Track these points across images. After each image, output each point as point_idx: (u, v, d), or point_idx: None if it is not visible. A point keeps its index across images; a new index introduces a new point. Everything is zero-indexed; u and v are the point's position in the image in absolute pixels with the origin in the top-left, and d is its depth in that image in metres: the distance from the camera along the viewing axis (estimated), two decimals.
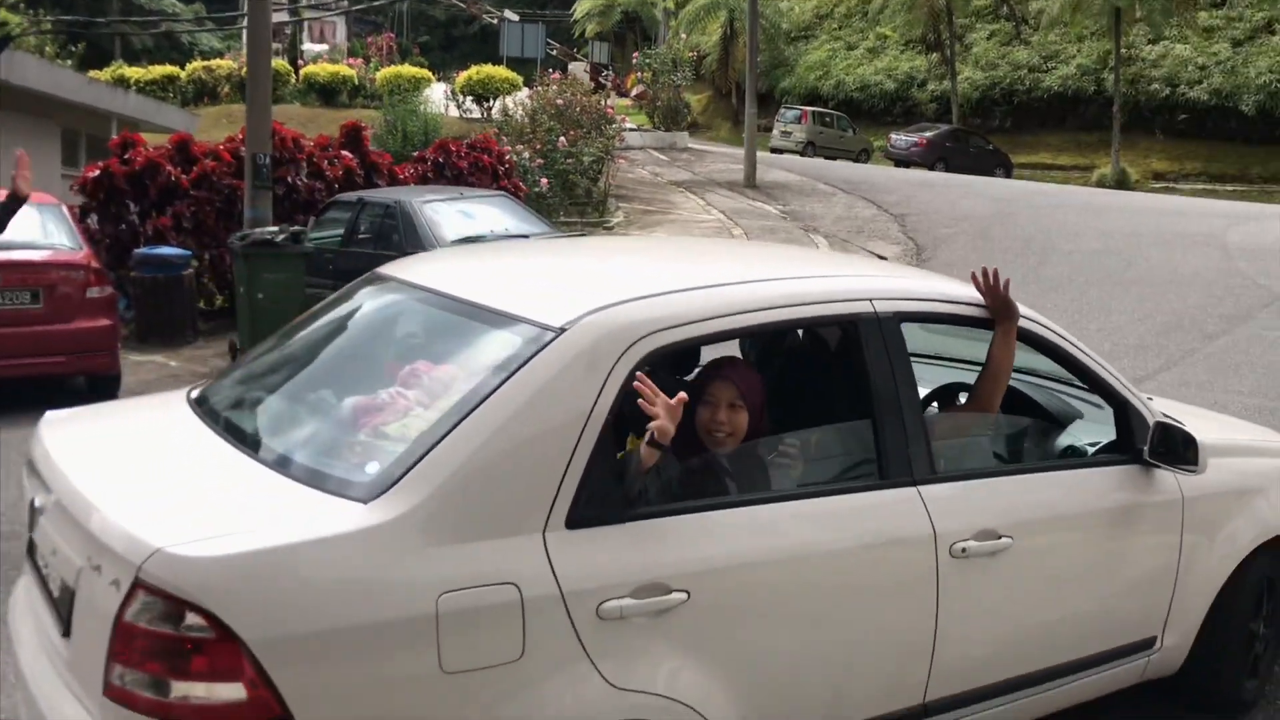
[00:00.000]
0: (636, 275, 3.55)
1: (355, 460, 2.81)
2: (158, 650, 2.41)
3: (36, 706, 2.77)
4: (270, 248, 10.14)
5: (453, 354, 3.14)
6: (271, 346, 3.72)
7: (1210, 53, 34.43)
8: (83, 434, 3.37)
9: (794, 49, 44.19)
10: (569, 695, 2.67)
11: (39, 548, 3.00)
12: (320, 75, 32.93)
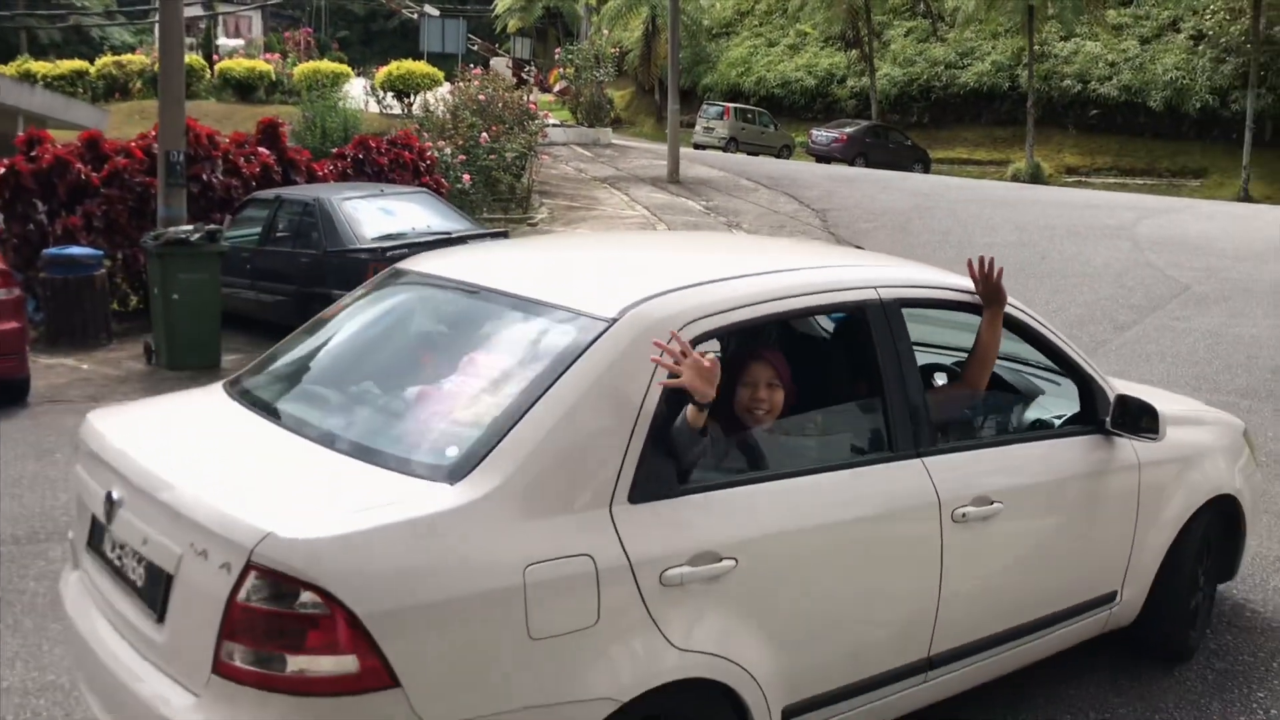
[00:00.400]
0: (670, 267, 3.83)
1: (433, 445, 2.99)
2: (272, 628, 2.56)
3: (128, 692, 2.88)
4: (185, 247, 9.94)
5: (508, 345, 3.32)
6: (304, 340, 3.90)
7: (1120, 50, 35.35)
8: (143, 428, 3.51)
9: (716, 45, 44.45)
10: (637, 657, 2.89)
11: (114, 538, 3.12)
12: (236, 71, 32.34)
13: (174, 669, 2.80)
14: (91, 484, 3.32)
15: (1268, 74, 31.83)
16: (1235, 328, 11.59)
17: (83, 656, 3.24)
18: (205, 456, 3.22)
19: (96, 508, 3.22)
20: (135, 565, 3.01)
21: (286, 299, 10.94)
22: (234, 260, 10.93)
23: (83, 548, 3.40)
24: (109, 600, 3.15)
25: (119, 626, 3.07)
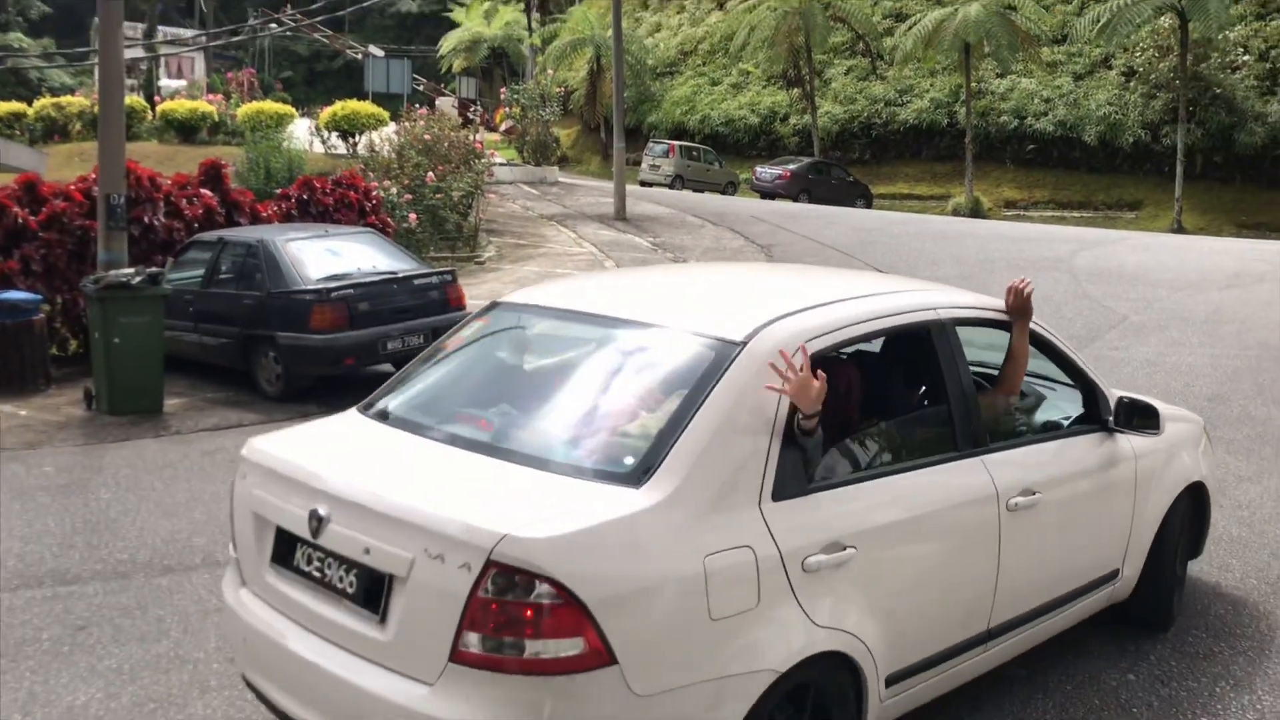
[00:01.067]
0: (765, 294, 4.43)
1: (608, 455, 3.41)
2: (511, 618, 2.94)
3: (349, 688, 3.22)
4: (126, 290, 9.82)
5: (649, 366, 3.77)
6: (432, 367, 4.32)
7: (1054, 86, 36.15)
8: (320, 450, 3.88)
9: (660, 84, 44.84)
10: (789, 634, 3.34)
11: (319, 550, 3.45)
12: (178, 112, 32.11)
13: (400, 663, 3.16)
14: (278, 503, 3.64)
15: (1196, 109, 32.71)
16: (1172, 357, 11.84)
17: (277, 663, 3.55)
18: (400, 473, 3.59)
19: (290, 524, 3.56)
20: (344, 574, 3.37)
21: (231, 341, 10.84)
22: (176, 303, 10.81)
23: (265, 563, 3.69)
24: (307, 608, 3.48)
25: (322, 631, 3.41)
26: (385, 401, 4.16)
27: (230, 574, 3.99)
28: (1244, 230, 30.78)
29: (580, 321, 4.12)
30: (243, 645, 3.80)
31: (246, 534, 3.84)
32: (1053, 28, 36.58)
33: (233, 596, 3.87)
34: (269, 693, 3.65)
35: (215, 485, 7.76)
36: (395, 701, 3.11)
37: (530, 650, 2.94)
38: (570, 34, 43.54)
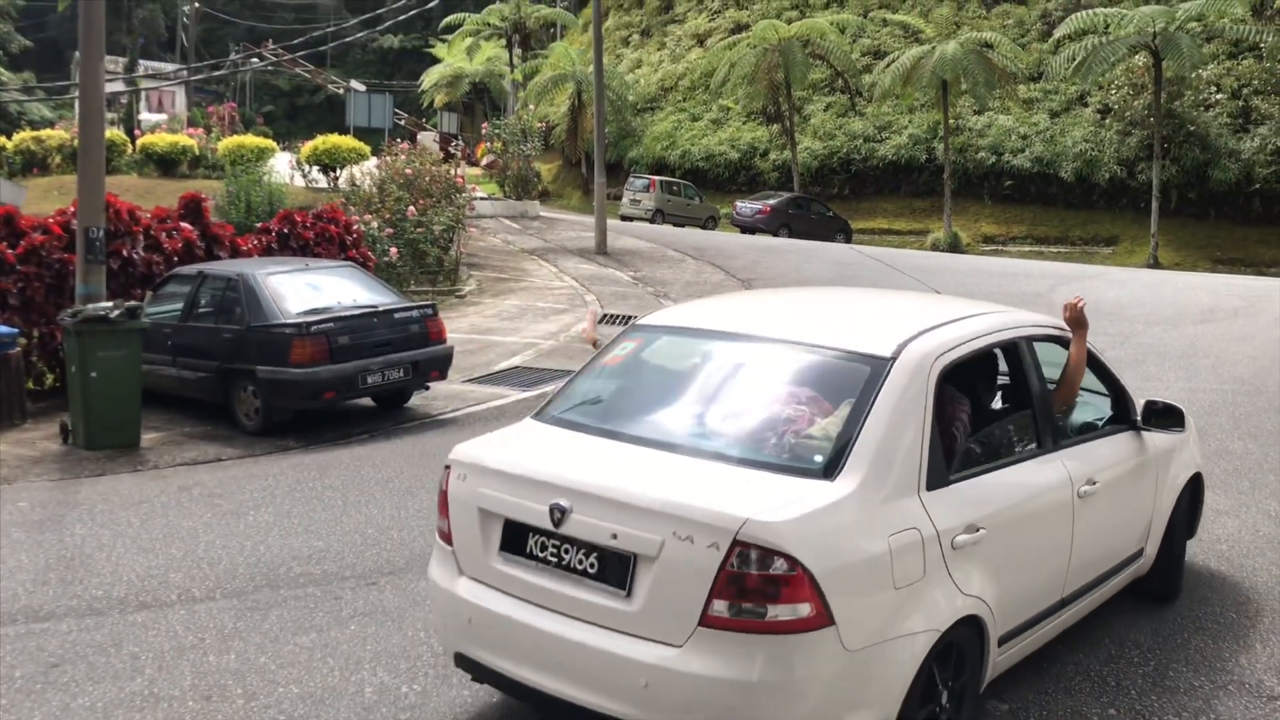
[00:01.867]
0: (890, 316, 5.08)
1: (799, 453, 4.06)
2: (754, 588, 3.56)
3: (600, 655, 3.78)
4: (104, 324, 9.77)
5: (813, 377, 4.41)
6: (596, 380, 4.92)
7: (1031, 123, 36.54)
8: (535, 454, 4.38)
9: (641, 120, 45.09)
10: (944, 600, 4.01)
11: (558, 538, 3.98)
12: (158, 145, 32.08)
13: (647, 630, 3.73)
14: (509, 499, 4.16)
15: (1170, 146, 33.10)
16: (1149, 391, 11.87)
17: (516, 639, 4.06)
18: (625, 470, 4.08)
19: (523, 517, 4.09)
20: (584, 557, 3.93)
21: (209, 375, 10.78)
22: (155, 337, 10.76)
23: (493, 553, 4.22)
24: (544, 589, 4.01)
25: (563, 609, 3.95)
26: (562, 411, 4.73)
27: (442, 567, 4.47)
28: (1219, 265, 31.10)
29: (729, 340, 4.80)
30: (468, 626, 4.27)
31: (469, 528, 4.32)
32: (1029, 65, 37.02)
33: (450, 584, 4.38)
34: (503, 666, 4.16)
35: (192, 520, 7.70)
36: (645, 662, 3.69)
37: (770, 614, 3.58)
38: (551, 70, 43.78)
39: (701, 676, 3.61)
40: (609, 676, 3.79)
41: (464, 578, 4.34)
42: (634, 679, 3.71)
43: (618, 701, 3.77)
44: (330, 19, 70.40)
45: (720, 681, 3.59)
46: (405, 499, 8.19)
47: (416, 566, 6.76)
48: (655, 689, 3.68)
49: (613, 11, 53.03)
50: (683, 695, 3.65)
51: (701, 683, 3.61)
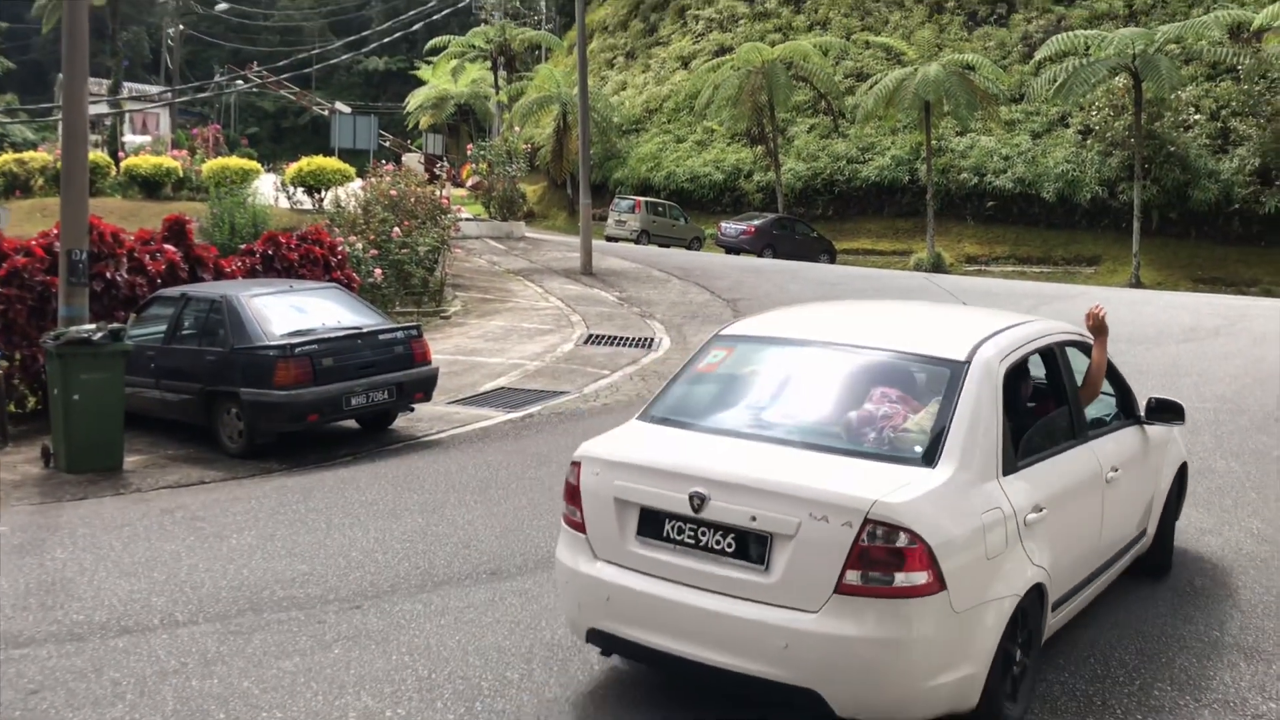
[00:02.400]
0: (952, 325, 5.86)
1: (900, 444, 4.75)
2: (882, 559, 4.24)
3: (741, 623, 4.39)
4: (87, 346, 9.73)
5: (900, 380, 5.08)
6: (696, 385, 5.55)
7: (1013, 144, 36.78)
8: (663, 449, 4.98)
9: (626, 141, 45.21)
10: (1021, 569, 4.75)
11: (697, 522, 4.58)
12: (142, 167, 31.99)
13: (784, 599, 4.36)
14: (646, 489, 4.74)
15: (1151, 166, 33.35)
16: None
17: (657, 613, 4.63)
18: (749, 461, 4.69)
19: (661, 504, 4.68)
20: (721, 538, 4.53)
21: (193, 397, 10.74)
22: (138, 359, 10.71)
23: (630, 538, 4.79)
24: (683, 568, 4.60)
25: (702, 584, 4.54)
26: (667, 413, 5.36)
27: (573, 552, 5.04)
28: (1200, 285, 31.30)
29: (814, 346, 5.51)
30: (605, 604, 4.82)
31: (605, 518, 4.88)
32: (1010, 87, 37.27)
33: (586, 568, 4.93)
34: (641, 637, 4.73)
35: (175, 544, 7.65)
36: (785, 626, 4.32)
37: (896, 581, 4.24)
38: (537, 92, 43.91)
39: (837, 636, 4.26)
40: (749, 641, 4.40)
41: (599, 561, 4.90)
42: (774, 642, 4.34)
43: (758, 662, 4.38)
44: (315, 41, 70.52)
45: (853, 640, 4.25)
46: (389, 522, 8.15)
47: (401, 589, 6.73)
48: (794, 649, 4.31)
49: (598, 34, 53.23)
50: (820, 653, 4.29)
51: (837, 642, 4.26)
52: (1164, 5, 38.13)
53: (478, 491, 8.96)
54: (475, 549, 7.49)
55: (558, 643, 5.86)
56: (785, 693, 4.39)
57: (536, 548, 7.48)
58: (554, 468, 9.66)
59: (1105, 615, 6.18)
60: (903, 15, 43.10)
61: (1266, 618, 6.26)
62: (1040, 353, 5.71)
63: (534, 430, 11.43)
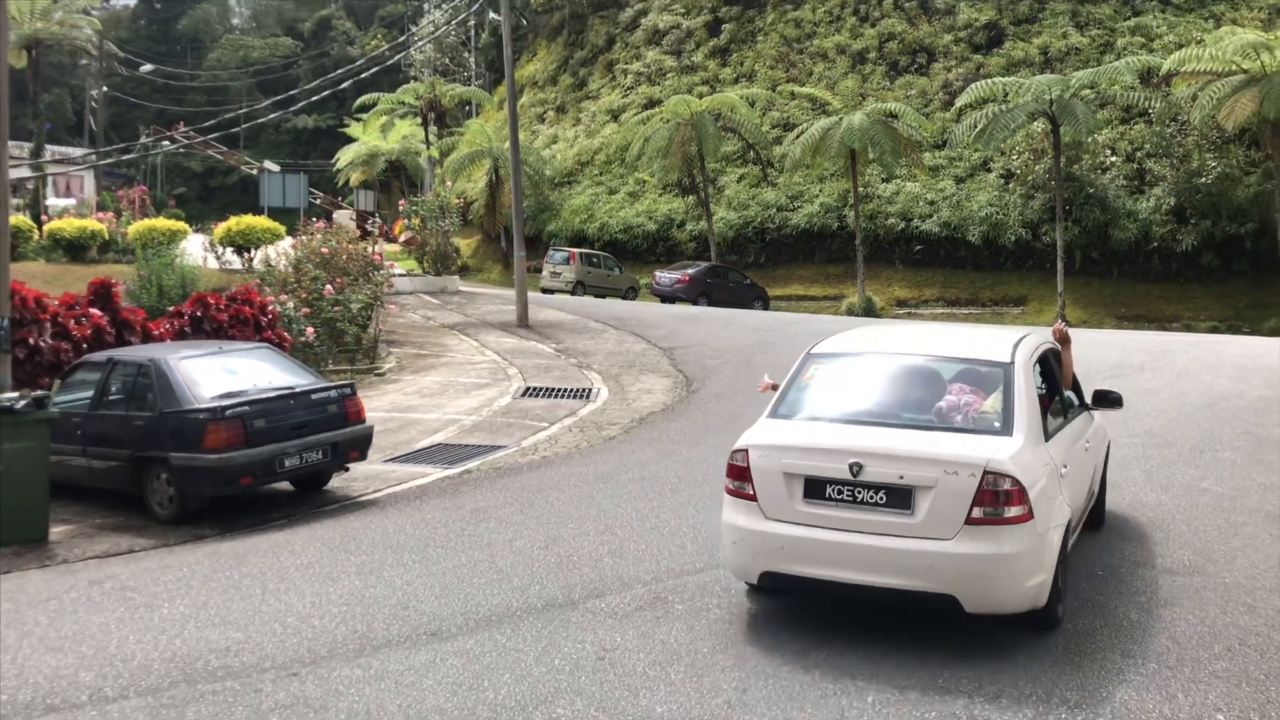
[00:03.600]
0: (988, 338, 7.70)
1: (982, 422, 6.63)
2: (995, 499, 6.01)
3: (895, 552, 6.15)
4: (9, 415, 9.48)
5: (969, 378, 6.96)
6: (805, 388, 7.27)
7: (938, 189, 37.59)
8: (814, 435, 6.77)
9: (558, 194, 45.45)
10: (1061, 508, 6.64)
11: (854, 483, 6.30)
12: (66, 231, 31.39)
13: (926, 533, 6.13)
14: (811, 463, 6.47)
15: (1072, 208, 34.25)
16: None
17: (827, 553, 6.33)
18: (883, 439, 6.48)
19: (823, 473, 6.40)
20: (873, 494, 6.28)
21: (121, 464, 10.49)
22: (64, 426, 10.46)
23: (798, 501, 6.48)
24: (844, 518, 6.33)
25: (860, 529, 6.28)
26: (791, 412, 7.11)
27: (744, 516, 6.65)
28: (1124, 322, 32.10)
29: (896, 356, 7.49)
30: (780, 550, 6.48)
31: (774, 487, 6.54)
32: (933, 134, 38.16)
33: (760, 526, 6.58)
34: (810, 572, 6.42)
35: (104, 616, 7.44)
36: (929, 551, 6.12)
37: (1006, 514, 6.08)
38: (468, 146, 44.00)
39: (968, 555, 6.08)
40: (902, 564, 6.17)
41: (770, 520, 6.54)
42: (922, 563, 6.13)
43: (909, 579, 6.17)
44: (242, 100, 70.14)
45: (979, 556, 6.07)
46: (326, 585, 8.00)
47: (339, 654, 6.59)
48: (937, 567, 6.11)
49: (528, 89, 53.65)
50: (955, 568, 6.10)
51: (968, 559, 6.08)
52: (1078, 52, 39.39)
53: (416, 551, 8.84)
54: (414, 610, 7.38)
55: (501, 703, 5.78)
56: (930, 599, 6.19)
57: (477, 606, 7.38)
58: (493, 524, 9.57)
59: (1049, 645, 6.24)
60: (826, 66, 44.02)
61: (1200, 648, 6.36)
62: (1039, 357, 7.50)
63: (472, 486, 11.33)
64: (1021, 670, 6.05)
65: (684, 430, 13.95)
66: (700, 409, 15.41)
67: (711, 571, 7.98)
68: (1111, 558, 8.19)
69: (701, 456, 12.12)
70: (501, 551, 8.69)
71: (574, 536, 9.03)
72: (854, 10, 45.48)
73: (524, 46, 57.32)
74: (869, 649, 6.38)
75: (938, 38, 42.70)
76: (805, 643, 6.53)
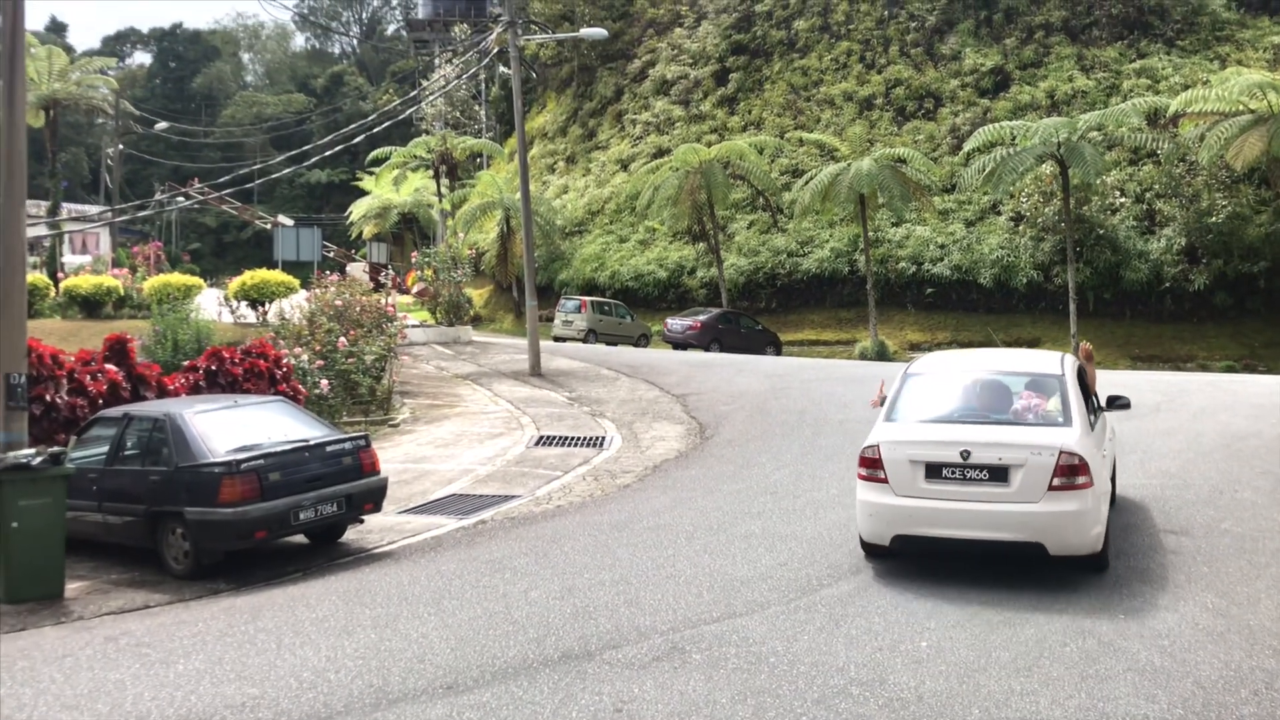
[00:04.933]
0: (1038, 356, 10.65)
1: (1049, 417, 9.16)
2: (1069, 471, 8.49)
3: (997, 512, 8.55)
4: (26, 472, 9.53)
5: (1033, 385, 9.56)
6: (907, 402, 9.58)
7: (948, 233, 37.68)
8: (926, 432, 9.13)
9: (569, 243, 45.70)
10: (1105, 480, 9.27)
11: (964, 465, 8.61)
12: (82, 287, 31.66)
13: (1018, 498, 8.48)
14: (930, 452, 8.77)
15: (1083, 249, 34.29)
16: None
17: (946, 517, 8.61)
18: (983, 432, 8.85)
19: (939, 459, 8.69)
20: (978, 472, 8.56)
21: (136, 519, 10.51)
22: (80, 482, 10.49)
23: (919, 480, 8.74)
24: (956, 491, 8.59)
25: (968, 499, 8.56)
26: (901, 416, 9.43)
27: (877, 495, 8.94)
28: (1138, 363, 31.98)
29: (976, 373, 9.86)
30: (908, 518, 8.76)
31: (902, 471, 8.82)
32: (941, 178, 38.31)
33: (892, 500, 8.85)
34: (933, 533, 8.71)
35: (119, 673, 7.41)
36: (1022, 511, 8.41)
37: (1076, 482, 8.39)
38: (479, 198, 44.32)
39: (1051, 512, 8.41)
40: (1002, 522, 8.52)
41: (900, 496, 8.84)
42: (1017, 520, 8.47)
43: (1007, 533, 8.51)
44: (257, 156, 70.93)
45: (1060, 513, 8.40)
46: (341, 639, 7.96)
47: (355, 709, 6.55)
48: (1028, 522, 8.43)
49: (538, 140, 54.12)
50: (1042, 522, 8.42)
51: (1051, 515, 8.40)
52: (1084, 95, 39.61)
53: (431, 603, 8.80)
54: (430, 662, 7.33)
55: None
56: (1023, 546, 8.54)
57: (493, 658, 7.34)
58: (509, 574, 9.53)
59: (1067, 685, 6.16)
60: (834, 113, 44.34)
61: (1225, 692, 6.27)
62: (1076, 370, 9.95)
63: (487, 537, 11.30)
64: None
65: (698, 477, 13.90)
66: (714, 456, 15.37)
67: (729, 621, 7.93)
68: (1133, 600, 8.11)
69: (716, 504, 12.08)
70: (517, 602, 8.65)
71: (589, 586, 8.99)
72: (860, 58, 45.89)
73: (534, 99, 57.90)
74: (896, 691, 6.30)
75: (944, 83, 43.02)
76: (824, 690, 6.47)
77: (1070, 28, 42.98)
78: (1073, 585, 8.58)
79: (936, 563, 9.23)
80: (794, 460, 14.47)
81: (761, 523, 11.06)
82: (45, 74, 41.82)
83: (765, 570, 9.27)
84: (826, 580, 8.93)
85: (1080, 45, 42.06)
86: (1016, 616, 7.88)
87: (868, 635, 7.55)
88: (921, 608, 8.14)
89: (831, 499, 12.01)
